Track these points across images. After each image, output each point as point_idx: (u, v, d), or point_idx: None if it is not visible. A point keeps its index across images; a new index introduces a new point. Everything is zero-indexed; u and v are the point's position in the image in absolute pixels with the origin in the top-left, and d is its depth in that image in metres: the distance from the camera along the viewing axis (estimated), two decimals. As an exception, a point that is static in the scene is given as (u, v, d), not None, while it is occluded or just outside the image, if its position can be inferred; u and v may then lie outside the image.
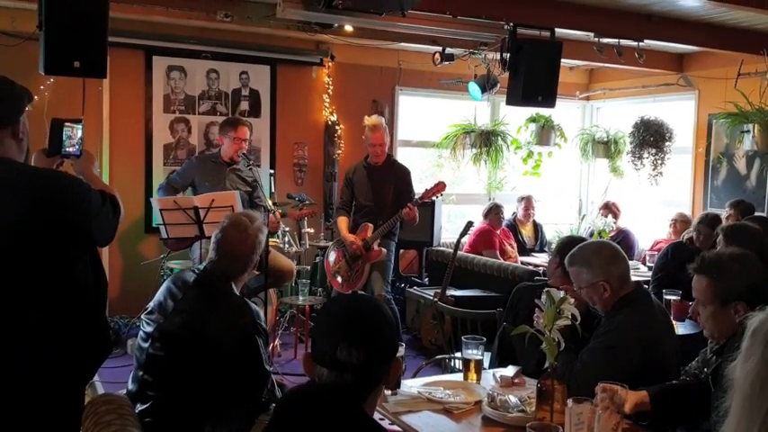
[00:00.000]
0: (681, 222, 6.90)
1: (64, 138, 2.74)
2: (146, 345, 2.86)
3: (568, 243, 3.45)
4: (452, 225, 8.37)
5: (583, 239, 3.75)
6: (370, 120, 5.80)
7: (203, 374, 2.73)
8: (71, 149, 2.77)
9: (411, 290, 6.98)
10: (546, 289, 2.56)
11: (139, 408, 2.77)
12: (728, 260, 2.60)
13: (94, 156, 3.01)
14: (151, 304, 2.97)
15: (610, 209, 7.79)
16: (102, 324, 2.61)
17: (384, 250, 5.70)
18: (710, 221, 5.15)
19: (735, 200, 6.14)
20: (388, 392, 2.80)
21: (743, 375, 1.52)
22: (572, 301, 2.52)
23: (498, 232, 7.50)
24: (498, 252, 7.29)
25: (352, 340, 1.67)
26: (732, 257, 2.62)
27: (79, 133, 2.80)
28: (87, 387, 4.52)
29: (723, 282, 2.54)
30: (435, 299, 5.92)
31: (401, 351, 2.90)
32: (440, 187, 5.69)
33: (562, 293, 2.55)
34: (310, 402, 1.66)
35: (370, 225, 5.67)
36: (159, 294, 2.98)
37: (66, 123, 2.75)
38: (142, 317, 2.96)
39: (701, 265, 2.63)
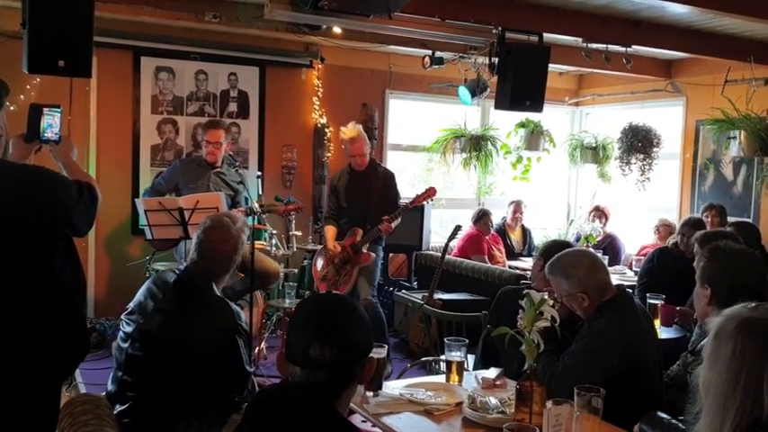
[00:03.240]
0: (664, 228, 6.96)
1: (44, 124, 2.73)
2: (125, 345, 2.84)
3: (553, 246, 3.47)
4: (443, 229, 8.37)
5: (567, 243, 3.76)
6: (347, 132, 5.73)
7: (183, 375, 2.71)
8: (50, 135, 2.76)
9: (399, 293, 6.97)
10: (525, 291, 2.56)
11: (119, 409, 2.75)
12: (727, 250, 2.66)
13: (77, 150, 2.99)
14: (131, 304, 2.95)
15: (602, 212, 7.82)
16: (81, 322, 2.59)
17: (373, 255, 5.70)
18: (694, 225, 5.17)
19: (707, 204, 6.27)
20: (369, 394, 2.80)
21: (715, 375, 1.54)
22: (551, 302, 2.53)
23: (487, 237, 7.52)
24: (487, 257, 7.31)
25: (325, 338, 1.66)
26: (731, 250, 2.71)
27: (58, 119, 2.78)
28: (70, 389, 4.51)
29: (707, 264, 2.66)
30: (423, 302, 5.92)
31: (382, 353, 2.90)
32: (430, 192, 5.70)
33: (543, 295, 2.55)
34: (282, 401, 1.65)
35: (360, 230, 5.66)
36: (140, 294, 2.96)
37: (45, 109, 2.74)
38: (122, 317, 2.94)
39: (712, 246, 2.77)
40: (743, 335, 1.53)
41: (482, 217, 7.53)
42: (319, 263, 5.90)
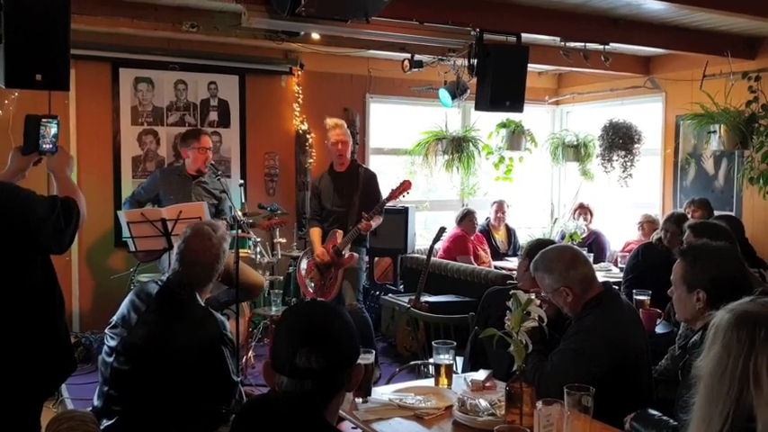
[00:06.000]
0: (648, 223, 6.99)
1: (40, 135, 2.71)
2: (110, 359, 2.81)
3: (537, 246, 3.45)
4: (427, 232, 8.37)
5: (552, 242, 3.76)
6: (331, 119, 5.82)
7: (169, 387, 2.69)
8: (46, 146, 2.73)
9: (386, 297, 6.95)
10: (512, 291, 2.56)
11: (105, 424, 2.72)
12: (706, 250, 2.66)
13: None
14: (115, 318, 2.92)
15: (587, 209, 7.86)
16: (63, 339, 2.55)
17: (356, 255, 5.68)
18: (677, 220, 5.20)
19: (689, 199, 6.30)
20: (358, 400, 2.78)
21: (705, 367, 1.58)
22: (538, 302, 2.52)
23: (472, 238, 7.52)
24: (472, 257, 7.31)
25: (311, 346, 1.64)
26: (710, 248, 2.68)
27: (54, 130, 2.76)
28: (57, 405, 4.45)
29: (693, 268, 2.60)
30: (409, 305, 5.91)
31: (370, 358, 2.88)
32: (405, 186, 5.68)
33: (529, 296, 2.54)
34: (270, 411, 1.63)
35: (340, 231, 5.64)
36: (123, 307, 2.93)
37: (43, 120, 2.72)
38: (106, 331, 2.90)
39: (684, 248, 2.72)
40: (734, 327, 1.54)
41: (466, 216, 7.54)
42: (303, 265, 5.88)
